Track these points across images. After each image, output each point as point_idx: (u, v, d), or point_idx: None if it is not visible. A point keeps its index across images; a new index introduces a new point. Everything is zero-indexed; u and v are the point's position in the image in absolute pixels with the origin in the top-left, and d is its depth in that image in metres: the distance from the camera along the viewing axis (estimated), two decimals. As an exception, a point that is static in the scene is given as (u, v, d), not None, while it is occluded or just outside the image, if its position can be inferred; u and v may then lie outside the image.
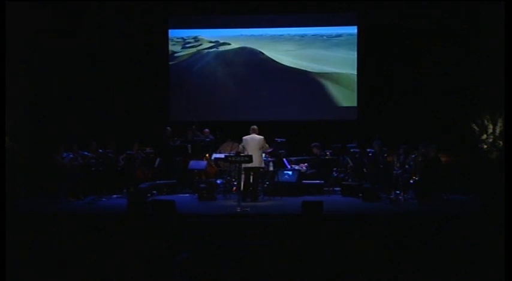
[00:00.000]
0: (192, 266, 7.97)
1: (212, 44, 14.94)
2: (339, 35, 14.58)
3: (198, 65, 14.90)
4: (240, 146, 11.31)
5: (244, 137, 11.22)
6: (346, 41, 14.52)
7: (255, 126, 11.32)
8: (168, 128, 13.19)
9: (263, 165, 11.34)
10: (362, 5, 14.02)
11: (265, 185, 11.84)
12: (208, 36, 14.94)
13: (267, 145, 11.42)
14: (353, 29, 14.44)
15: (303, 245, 7.94)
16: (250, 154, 10.73)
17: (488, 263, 6.93)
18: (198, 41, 14.95)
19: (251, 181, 11.20)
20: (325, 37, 14.65)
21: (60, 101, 13.45)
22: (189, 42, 14.98)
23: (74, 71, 13.65)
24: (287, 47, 14.75)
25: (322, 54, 14.59)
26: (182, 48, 14.94)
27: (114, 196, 11.92)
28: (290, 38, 14.75)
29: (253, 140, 11.08)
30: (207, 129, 13.31)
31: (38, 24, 12.83)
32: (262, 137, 11.19)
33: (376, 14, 13.85)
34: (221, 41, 14.93)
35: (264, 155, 11.52)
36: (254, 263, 7.43)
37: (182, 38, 14.98)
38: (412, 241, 8.04)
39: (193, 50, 14.94)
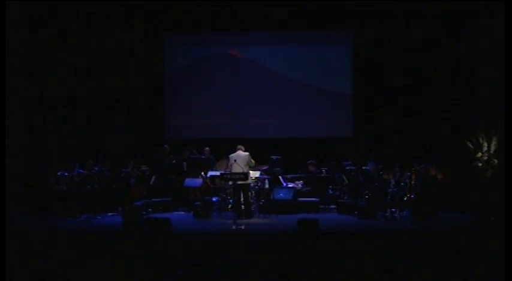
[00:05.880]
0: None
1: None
2: (334, 54, 14.59)
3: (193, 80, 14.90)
4: (229, 164, 11.31)
5: (230, 155, 11.31)
6: (342, 59, 14.53)
7: (241, 146, 11.44)
8: (166, 146, 13.19)
9: (250, 181, 11.32)
10: (357, 23, 14.09)
11: (261, 203, 11.83)
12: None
13: (253, 161, 11.43)
14: (348, 47, 14.49)
15: (299, 263, 7.92)
16: (237, 171, 10.78)
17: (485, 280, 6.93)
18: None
19: (242, 198, 11.20)
20: (321, 57, 14.62)
21: (56, 119, 13.45)
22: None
23: (70, 90, 13.69)
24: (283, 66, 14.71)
25: (318, 73, 14.58)
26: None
27: (109, 213, 11.86)
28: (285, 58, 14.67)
29: (239, 157, 11.16)
30: (207, 148, 13.30)
31: (35, 34, 12.94)
32: (247, 153, 11.29)
33: (371, 32, 13.92)
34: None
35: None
36: (250, 281, 7.41)
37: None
38: (408, 258, 8.03)
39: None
